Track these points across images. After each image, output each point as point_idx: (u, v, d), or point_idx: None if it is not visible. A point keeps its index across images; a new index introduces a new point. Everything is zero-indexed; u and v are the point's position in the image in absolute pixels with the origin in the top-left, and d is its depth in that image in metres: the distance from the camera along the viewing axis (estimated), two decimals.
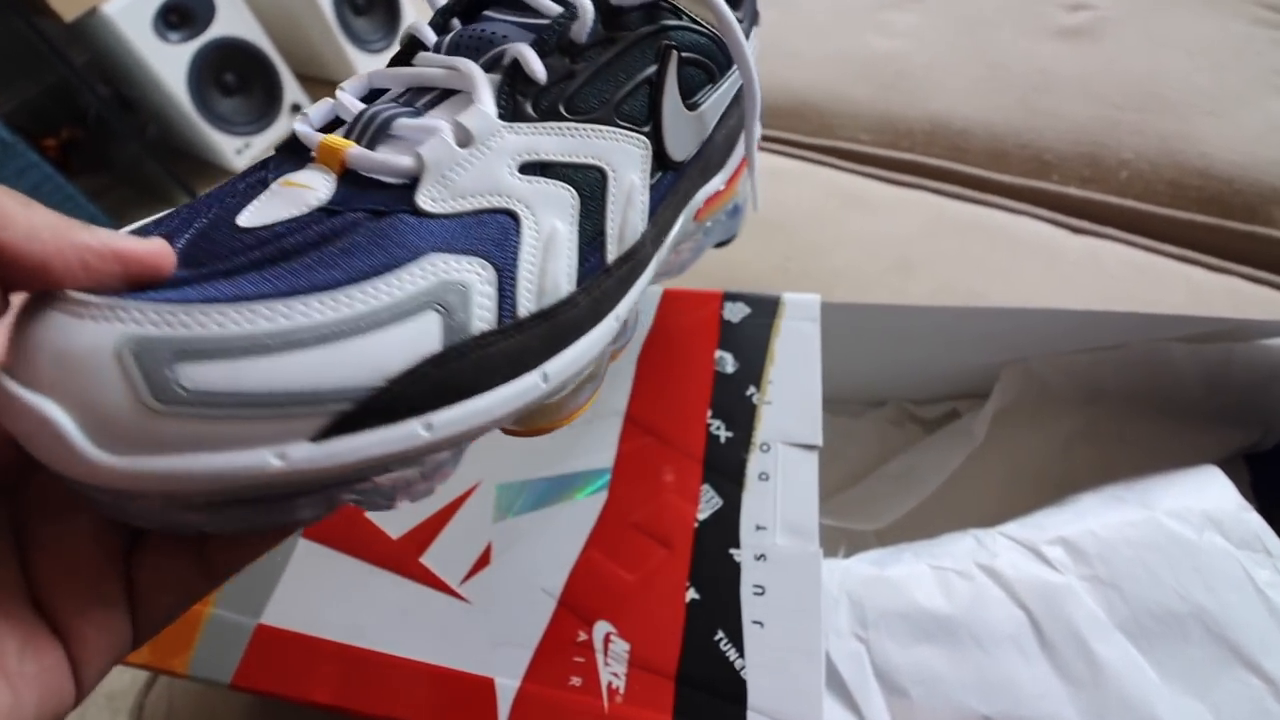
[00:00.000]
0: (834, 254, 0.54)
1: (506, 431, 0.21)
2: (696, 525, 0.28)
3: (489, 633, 0.27)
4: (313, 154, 0.18)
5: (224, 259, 0.15)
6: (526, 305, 0.18)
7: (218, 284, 0.14)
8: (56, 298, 0.13)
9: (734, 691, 0.24)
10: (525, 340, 0.18)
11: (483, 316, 0.17)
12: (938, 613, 0.27)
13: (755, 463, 0.30)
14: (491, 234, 0.18)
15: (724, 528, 0.28)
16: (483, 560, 0.29)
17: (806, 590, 0.26)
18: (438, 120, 0.18)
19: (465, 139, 0.18)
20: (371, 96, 0.20)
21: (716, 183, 0.29)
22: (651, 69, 0.22)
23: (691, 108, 0.24)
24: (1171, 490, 0.30)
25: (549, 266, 0.19)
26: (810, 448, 0.30)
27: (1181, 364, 0.35)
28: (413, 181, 0.17)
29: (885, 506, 0.38)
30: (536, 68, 0.19)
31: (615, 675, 0.25)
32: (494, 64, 0.19)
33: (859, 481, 0.42)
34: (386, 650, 0.27)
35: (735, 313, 0.35)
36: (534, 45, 0.19)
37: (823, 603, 0.26)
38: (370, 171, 0.17)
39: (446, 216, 0.17)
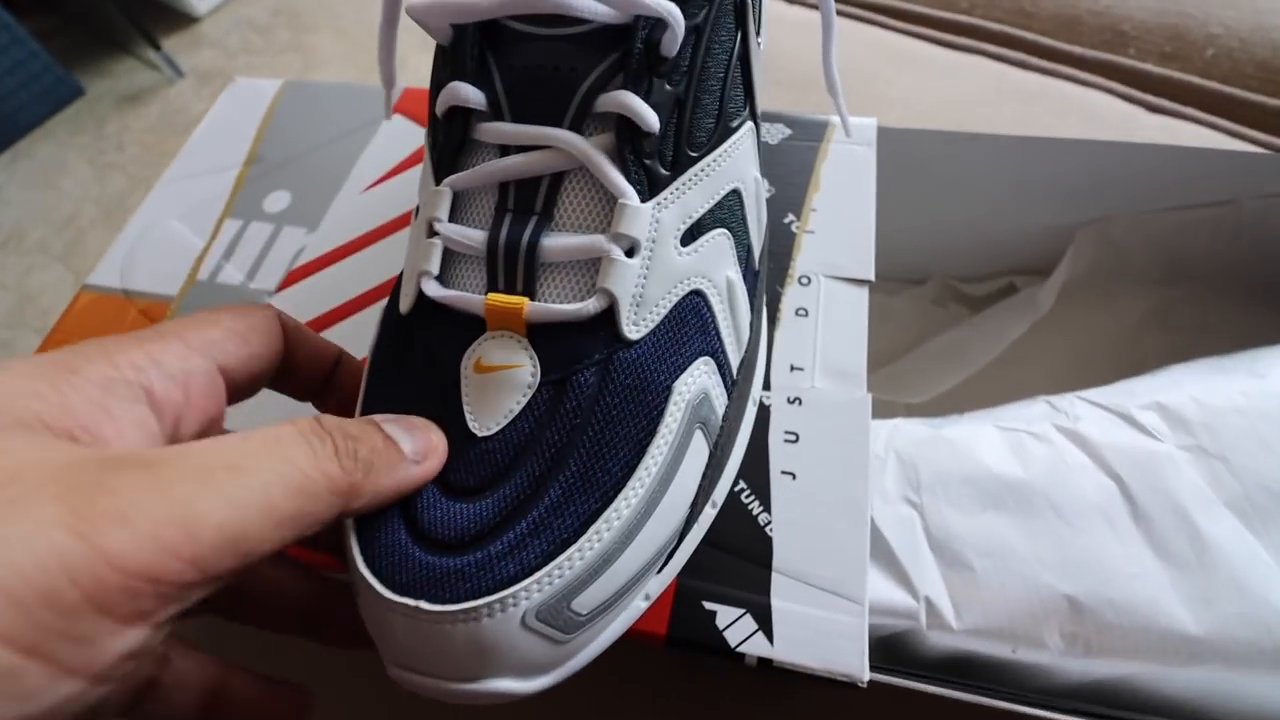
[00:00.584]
0: (878, 114, 0.47)
1: None
2: None
3: None
4: (480, 319, 0.16)
5: (497, 479, 0.15)
6: (734, 363, 0.19)
7: (530, 516, 0.14)
8: (423, 612, 0.13)
9: (757, 550, 0.20)
10: (741, 388, 0.19)
11: (720, 403, 0.18)
12: (1009, 477, 0.22)
13: (792, 297, 0.24)
14: (692, 325, 0.17)
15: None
16: None
17: (851, 438, 0.21)
18: (591, 238, 0.16)
19: (631, 248, 0.16)
20: (458, 206, 0.17)
21: None
22: (735, 36, 0.18)
23: (759, 41, 0.20)
24: None
25: (737, 318, 0.19)
26: (860, 282, 0.24)
27: None
28: (604, 314, 0.16)
29: (927, 381, 0.33)
30: (649, 117, 0.16)
31: None
32: (583, 116, 0.16)
33: (893, 361, 0.36)
34: None
35: (773, 134, 0.29)
36: (631, 85, 0.16)
37: (870, 456, 0.21)
38: (559, 321, 0.16)
39: (655, 335, 0.17)
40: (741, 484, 0.21)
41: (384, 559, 0.14)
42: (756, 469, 0.21)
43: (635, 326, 0.16)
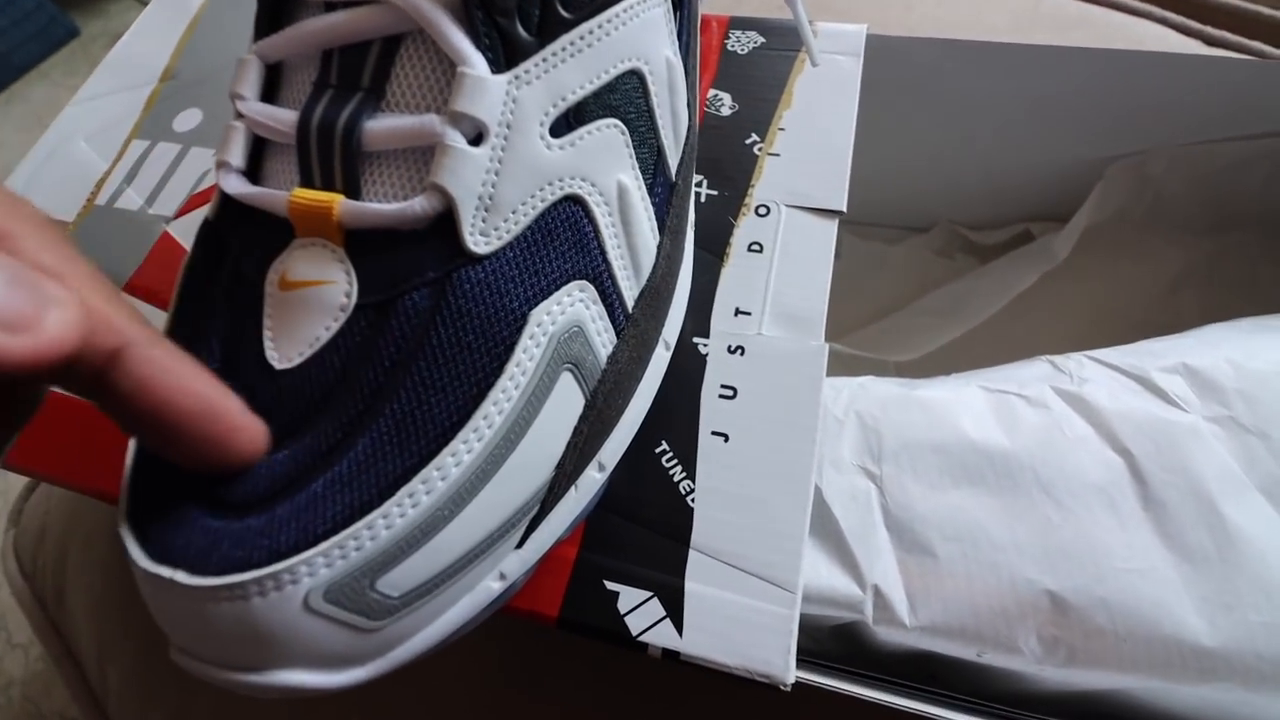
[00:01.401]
0: (893, 31, 0.42)
1: None
2: None
3: None
4: (287, 221, 0.13)
5: (298, 425, 0.12)
6: (630, 294, 0.15)
7: (315, 481, 0.11)
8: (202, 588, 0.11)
9: (674, 523, 0.16)
10: (642, 328, 0.16)
11: (603, 341, 0.15)
12: (991, 447, 0.18)
13: (746, 229, 0.20)
14: (566, 239, 0.14)
15: (689, 310, 0.19)
16: None
17: (800, 397, 0.17)
18: (424, 118, 0.12)
19: (476, 132, 0.12)
20: (273, 81, 0.14)
21: None
22: None
23: None
24: None
25: (634, 237, 0.15)
26: (830, 213, 0.20)
27: None
28: (441, 219, 0.13)
29: (919, 338, 0.29)
30: None
31: None
32: None
33: (886, 316, 0.32)
34: None
35: (743, 43, 0.25)
36: None
37: (820, 423, 0.17)
38: (381, 226, 0.12)
39: (510, 245, 0.13)
40: (663, 444, 0.17)
41: (153, 516, 0.11)
42: (683, 428, 0.18)
43: (483, 238, 0.13)
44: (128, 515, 0.12)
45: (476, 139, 0.12)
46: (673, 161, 0.16)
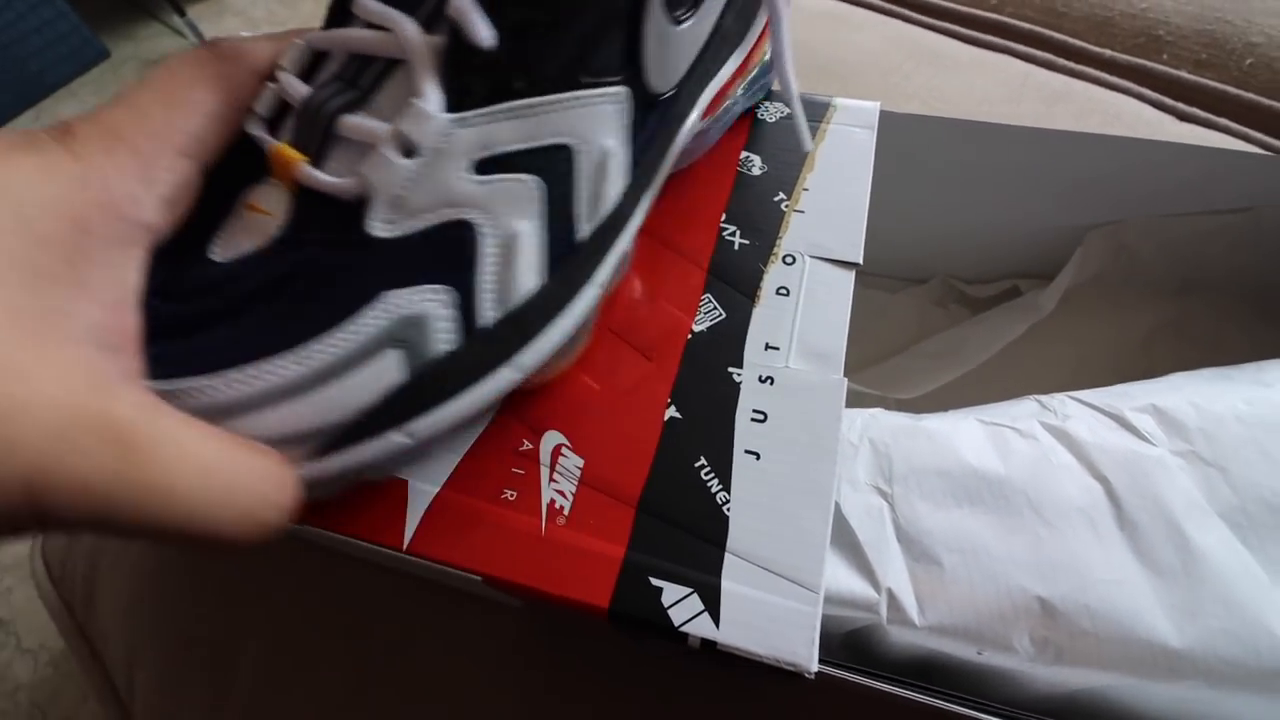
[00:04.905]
0: (893, 107, 0.46)
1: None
2: (690, 337, 0.22)
3: None
4: (270, 163, 0.17)
5: (198, 296, 0.16)
6: (490, 315, 0.17)
7: (196, 338, 0.15)
8: None
9: (712, 528, 0.19)
10: (492, 346, 0.17)
11: (445, 339, 0.16)
12: (988, 472, 0.20)
13: (775, 275, 0.23)
14: (447, 253, 0.16)
15: (725, 343, 0.22)
16: None
17: (822, 422, 0.20)
18: (379, 124, 0.16)
19: (410, 149, 0.16)
20: (314, 64, 0.18)
21: (726, 71, 0.23)
22: None
23: (679, 20, 0.19)
24: None
25: (513, 273, 0.17)
26: (848, 265, 0.23)
27: None
28: (361, 202, 0.16)
29: (919, 379, 0.31)
30: (482, 31, 0.15)
31: (561, 494, 0.20)
32: (438, 14, 0.16)
33: (889, 358, 0.35)
34: None
35: (772, 113, 0.28)
36: None
37: (839, 443, 0.20)
38: (321, 190, 0.16)
39: (399, 240, 0.16)
40: (702, 460, 0.20)
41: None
42: (720, 446, 0.20)
43: (384, 226, 0.16)
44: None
45: (407, 152, 0.16)
46: (584, 230, 0.18)
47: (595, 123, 0.18)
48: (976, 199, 0.32)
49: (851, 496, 0.20)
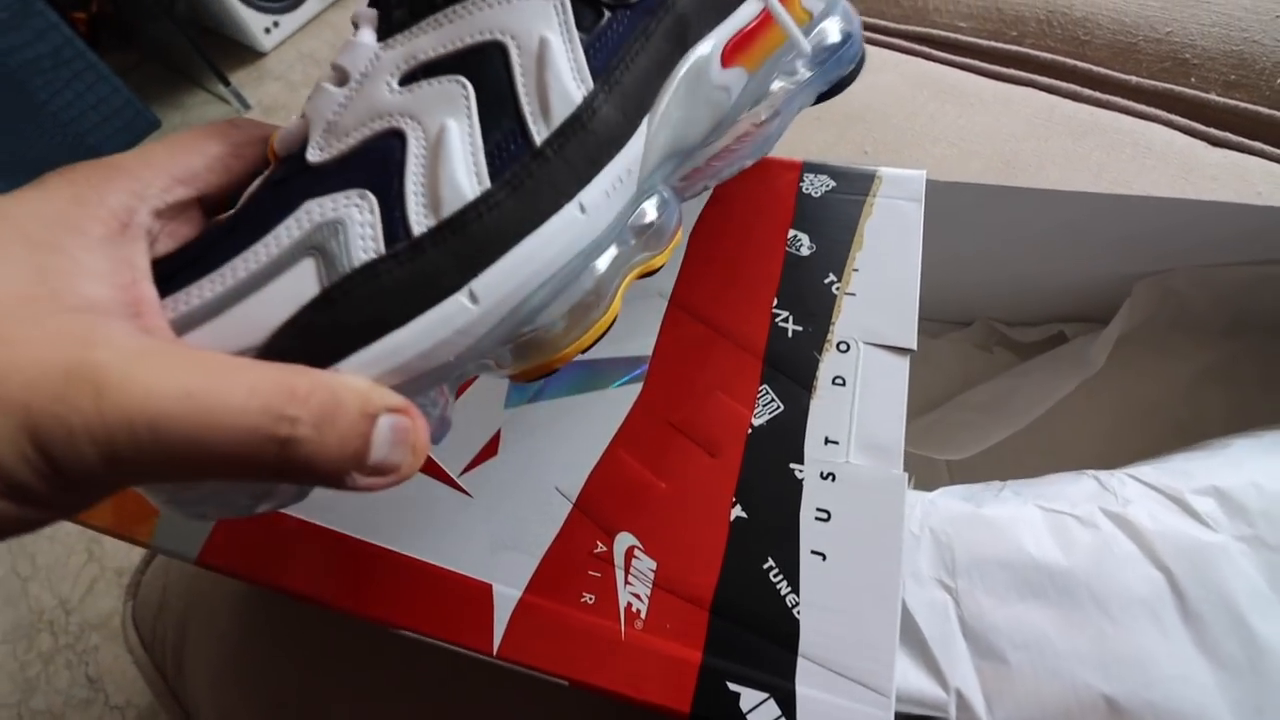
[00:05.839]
0: (921, 149, 0.46)
1: (510, 376, 0.19)
2: (750, 431, 0.23)
3: (490, 533, 0.22)
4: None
5: (188, 248, 0.17)
6: (421, 222, 0.16)
7: (170, 281, 0.16)
8: None
9: (784, 632, 0.20)
10: (430, 260, 0.16)
11: (366, 248, 0.15)
12: (1050, 565, 0.21)
13: (830, 364, 0.24)
14: (373, 161, 0.16)
15: (785, 438, 0.23)
16: (489, 450, 0.24)
17: (885, 520, 0.21)
18: (332, 66, 0.18)
19: (342, 78, 0.17)
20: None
21: (746, 12, 0.20)
22: None
23: None
24: None
25: (441, 170, 0.16)
26: (902, 351, 0.24)
27: None
28: (305, 138, 0.17)
29: (968, 436, 0.32)
30: None
31: (637, 596, 0.21)
32: None
33: (934, 408, 0.36)
34: (370, 539, 0.23)
35: (816, 186, 0.28)
36: None
37: (903, 540, 0.20)
38: (287, 137, 0.17)
39: (331, 161, 0.16)
40: (770, 562, 0.21)
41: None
42: (786, 547, 0.21)
43: (318, 152, 0.17)
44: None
45: (340, 81, 0.17)
46: (538, 132, 0.17)
47: (527, 16, 0.17)
48: (1018, 253, 0.32)
49: (916, 591, 0.21)
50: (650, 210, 0.19)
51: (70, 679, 0.64)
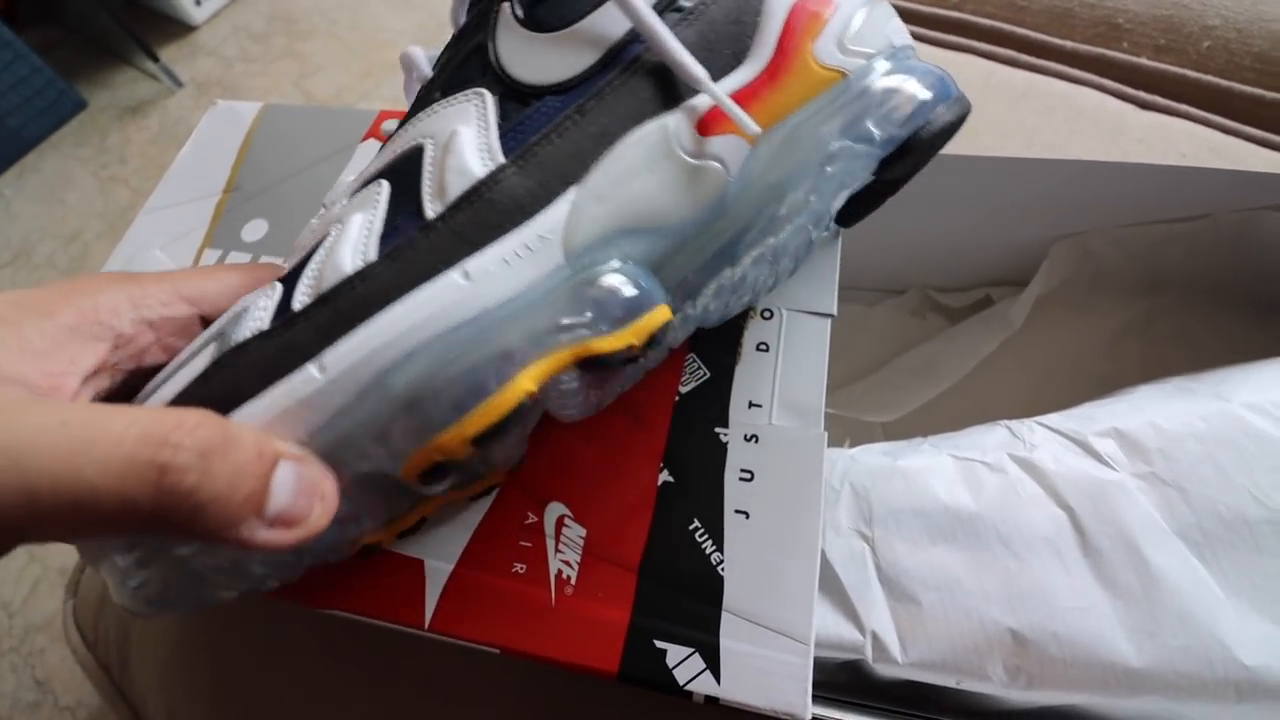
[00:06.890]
0: None
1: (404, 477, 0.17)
2: (677, 399, 0.23)
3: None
4: None
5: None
6: (300, 299, 0.17)
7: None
8: None
9: (708, 589, 0.20)
10: (296, 333, 0.16)
11: (252, 327, 0.17)
12: (960, 510, 0.22)
13: (754, 331, 0.24)
14: (302, 261, 0.18)
15: (710, 403, 0.23)
16: None
17: (805, 478, 0.21)
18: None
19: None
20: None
21: (744, 74, 0.18)
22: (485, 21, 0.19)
23: (538, 26, 0.18)
24: (1251, 381, 0.25)
25: (334, 253, 0.17)
26: (823, 316, 0.24)
27: (1274, 238, 0.29)
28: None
29: (899, 398, 0.33)
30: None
31: (567, 564, 0.21)
32: None
33: (870, 374, 0.37)
34: None
35: None
36: None
37: (822, 495, 0.21)
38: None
39: (291, 270, 0.18)
40: (696, 523, 0.21)
41: None
42: (711, 508, 0.21)
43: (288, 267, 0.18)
44: None
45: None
46: (432, 208, 0.17)
47: (448, 118, 0.18)
48: (947, 220, 0.33)
49: (835, 542, 0.22)
50: (606, 280, 0.17)
51: (17, 682, 0.63)
